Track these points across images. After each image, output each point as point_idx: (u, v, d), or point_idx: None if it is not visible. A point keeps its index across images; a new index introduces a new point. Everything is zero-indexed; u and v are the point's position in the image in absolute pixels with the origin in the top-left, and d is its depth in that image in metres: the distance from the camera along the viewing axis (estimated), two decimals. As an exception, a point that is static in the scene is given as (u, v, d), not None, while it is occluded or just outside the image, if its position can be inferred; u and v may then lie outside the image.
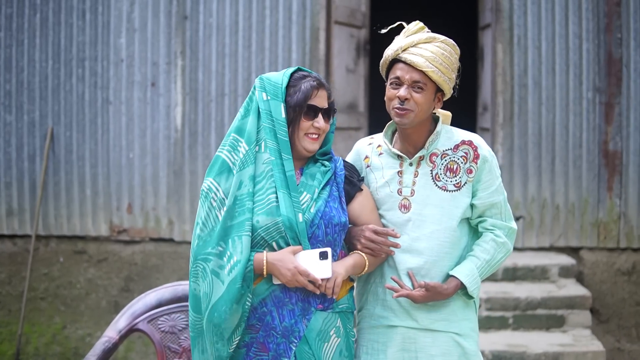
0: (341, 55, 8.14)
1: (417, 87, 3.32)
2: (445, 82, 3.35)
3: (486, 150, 3.44)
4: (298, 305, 3.22)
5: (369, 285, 3.52)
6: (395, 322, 3.44)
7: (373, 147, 3.55)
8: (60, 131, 8.04)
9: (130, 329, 3.88)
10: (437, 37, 3.37)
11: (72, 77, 8.03)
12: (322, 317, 3.25)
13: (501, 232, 3.43)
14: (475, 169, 3.41)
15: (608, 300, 7.66)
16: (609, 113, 7.71)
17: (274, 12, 7.90)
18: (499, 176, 3.49)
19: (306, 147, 3.28)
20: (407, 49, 3.34)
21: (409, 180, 3.43)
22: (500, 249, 3.43)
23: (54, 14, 8.01)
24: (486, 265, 3.40)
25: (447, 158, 3.42)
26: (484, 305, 6.96)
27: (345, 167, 3.41)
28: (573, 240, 7.78)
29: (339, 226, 3.28)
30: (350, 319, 3.37)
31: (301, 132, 3.26)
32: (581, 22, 7.71)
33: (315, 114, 3.27)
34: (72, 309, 8.04)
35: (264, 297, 3.22)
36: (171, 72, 7.95)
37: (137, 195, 8.01)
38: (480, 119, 8.59)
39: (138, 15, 7.96)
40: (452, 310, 3.43)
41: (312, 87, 3.25)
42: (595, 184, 7.75)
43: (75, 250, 8.09)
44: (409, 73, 3.32)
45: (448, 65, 3.34)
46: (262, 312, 3.22)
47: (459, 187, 3.41)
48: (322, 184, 3.29)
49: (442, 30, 3.58)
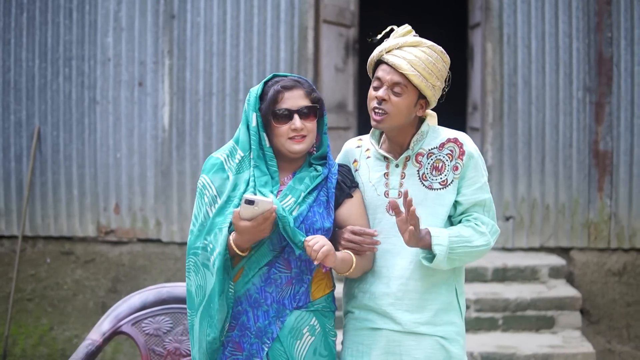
0: (330, 55, 8.09)
1: (396, 89, 3.27)
2: (428, 89, 3.28)
3: (472, 148, 3.39)
4: (273, 306, 3.22)
5: (354, 289, 3.48)
6: (379, 325, 3.39)
7: (361, 150, 3.51)
8: (47, 131, 7.99)
9: (114, 331, 3.85)
10: (424, 42, 3.32)
11: (59, 77, 7.98)
12: (295, 315, 3.24)
13: (484, 226, 3.37)
14: (460, 166, 3.35)
15: (599, 301, 7.62)
16: (599, 112, 7.67)
17: (262, 10, 7.85)
18: (485, 175, 3.43)
19: (290, 149, 3.26)
20: (391, 50, 3.29)
21: (395, 182, 3.39)
22: (478, 237, 3.33)
23: (40, 13, 7.96)
24: (459, 238, 3.29)
25: (432, 157, 3.38)
26: (473, 307, 6.92)
27: (340, 171, 3.39)
28: (563, 240, 7.74)
29: (321, 231, 3.24)
30: (329, 318, 3.34)
31: (281, 138, 3.25)
32: (571, 20, 7.67)
33: (290, 116, 3.24)
34: (59, 310, 8.00)
35: (240, 295, 3.23)
36: (158, 71, 7.91)
37: (124, 196, 7.96)
38: (470, 118, 8.54)
39: (125, 14, 7.91)
40: (435, 313, 3.38)
41: (275, 91, 3.23)
42: (586, 184, 7.71)
43: (62, 251, 8.05)
44: (390, 74, 3.27)
45: (432, 72, 3.28)
46: (238, 311, 3.23)
47: (445, 185, 3.36)
48: (309, 189, 3.27)
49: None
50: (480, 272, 7.30)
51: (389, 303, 3.36)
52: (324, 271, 3.29)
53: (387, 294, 3.37)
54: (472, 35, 8.45)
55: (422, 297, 3.37)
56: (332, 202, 3.31)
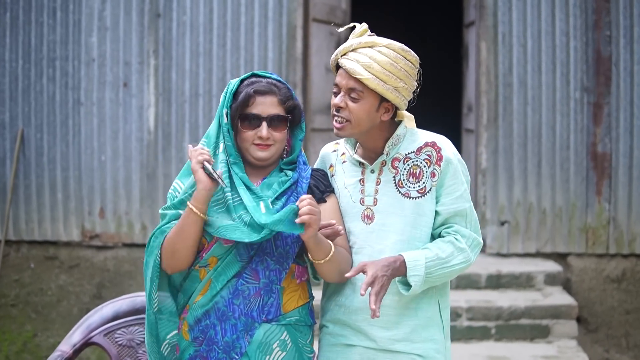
0: (320, 54, 7.92)
1: (353, 95, 3.08)
2: (388, 92, 3.07)
3: (450, 152, 3.18)
4: (241, 319, 3.08)
5: (330, 303, 3.30)
6: (353, 342, 3.23)
7: (337, 154, 3.34)
8: (30, 133, 7.88)
9: (85, 342, 3.74)
10: (380, 41, 3.09)
11: (42, 78, 7.86)
12: (264, 330, 3.10)
13: (464, 240, 3.17)
14: (438, 172, 3.16)
15: (597, 308, 7.44)
16: (597, 113, 7.49)
17: (250, 9, 7.70)
18: (466, 182, 3.22)
19: (254, 155, 3.15)
20: (345, 53, 3.11)
21: (370, 188, 3.21)
22: (457, 255, 3.14)
23: (24, 12, 7.84)
24: (437, 261, 3.10)
25: (409, 162, 3.18)
26: (465, 315, 6.74)
27: (314, 176, 3.24)
28: (560, 246, 7.57)
29: (291, 238, 3.11)
30: (304, 333, 3.18)
31: (245, 142, 3.15)
32: (568, 18, 7.49)
33: (258, 122, 3.12)
34: (43, 317, 7.89)
35: (208, 308, 3.10)
36: (144, 71, 7.77)
37: (109, 200, 7.84)
38: (465, 120, 8.37)
39: (110, 14, 7.78)
40: (413, 329, 3.19)
41: (247, 95, 3.11)
42: (584, 187, 7.53)
43: (46, 255, 7.95)
44: (345, 79, 3.08)
45: (392, 73, 3.06)
46: (206, 325, 3.10)
47: (423, 193, 3.17)
48: (277, 194, 3.13)
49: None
50: (474, 279, 7.12)
51: (363, 318, 3.19)
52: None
53: (361, 308, 3.19)
54: (466, 34, 8.26)
55: (399, 313, 3.19)
56: None
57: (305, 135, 7.70)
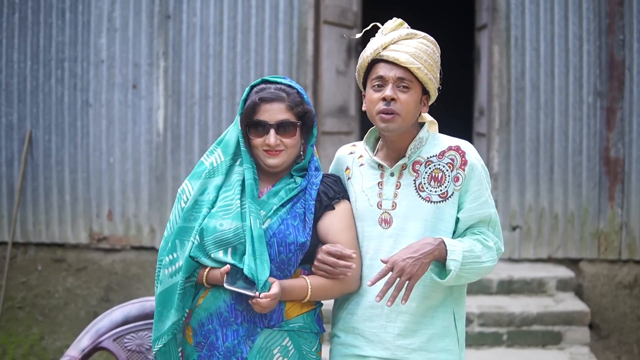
0: (331, 57, 7.86)
1: (403, 86, 3.06)
2: (431, 82, 3.10)
3: (475, 157, 3.14)
4: (243, 326, 3.05)
5: (342, 312, 3.24)
6: (366, 352, 3.16)
7: (354, 157, 3.29)
8: (38, 134, 7.83)
9: (94, 347, 3.72)
10: (418, 33, 3.13)
11: (51, 79, 7.80)
12: (264, 335, 3.07)
13: (490, 240, 3.11)
14: (462, 177, 3.10)
15: (609, 314, 7.37)
16: (610, 118, 7.42)
17: (260, 11, 7.64)
18: (489, 187, 3.18)
19: (264, 162, 3.16)
20: (387, 46, 3.08)
21: (389, 192, 3.15)
22: (487, 253, 3.08)
23: (32, 13, 7.79)
24: (471, 254, 3.03)
25: (431, 166, 3.13)
26: (477, 321, 6.67)
27: (324, 182, 3.20)
28: (572, 251, 7.50)
29: (294, 245, 3.07)
30: (308, 340, 3.13)
31: (256, 149, 3.16)
32: (582, 22, 7.42)
33: (265, 129, 3.11)
34: (50, 319, 7.84)
35: (211, 312, 3.08)
36: (153, 73, 7.72)
37: (117, 202, 7.78)
38: (476, 124, 8.29)
39: (119, 15, 7.72)
40: (429, 339, 3.13)
41: (253, 103, 3.12)
42: (596, 192, 7.46)
43: (53, 258, 7.89)
44: (393, 70, 3.06)
45: (432, 63, 3.09)
46: (208, 330, 3.09)
47: (445, 197, 3.11)
48: (283, 201, 3.12)
49: (435, 31, 3.33)
50: (485, 284, 7.05)
51: (380, 325, 3.13)
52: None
53: (376, 315, 3.14)
54: (478, 38, 8.20)
55: (416, 320, 3.13)
56: (310, 215, 3.12)
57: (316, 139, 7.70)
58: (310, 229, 3.10)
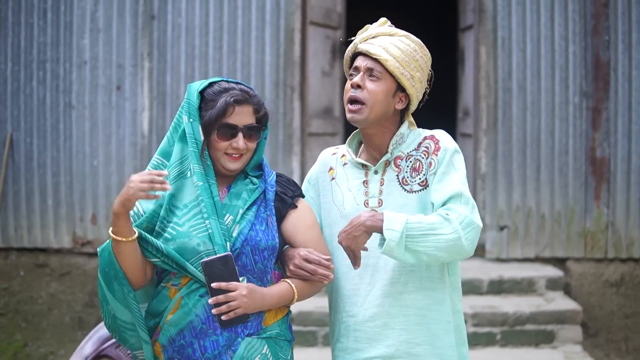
0: (317, 58, 7.82)
1: (372, 76, 3.09)
2: (405, 78, 3.08)
3: (448, 143, 3.12)
4: (223, 335, 2.95)
5: (339, 315, 3.22)
6: (370, 353, 3.14)
7: (337, 157, 3.29)
8: (20, 137, 7.70)
9: (97, 355, 3.55)
10: (400, 31, 3.15)
11: (32, 80, 7.68)
12: (245, 343, 2.98)
13: (455, 215, 2.99)
14: (435, 162, 3.10)
15: (596, 313, 7.44)
16: (596, 118, 7.50)
17: (247, 11, 7.59)
18: (461, 170, 3.10)
19: (225, 166, 3.04)
20: (366, 40, 3.13)
21: (375, 189, 3.15)
22: (445, 225, 2.95)
23: (13, 13, 7.67)
24: (419, 225, 2.94)
25: (411, 159, 3.15)
26: (471, 321, 6.69)
27: (279, 182, 3.14)
28: (559, 250, 7.56)
29: (268, 251, 3.01)
30: (283, 347, 3.08)
31: (217, 152, 3.02)
32: (567, 23, 7.48)
33: (234, 133, 3.00)
34: (33, 326, 7.69)
35: (182, 327, 2.96)
36: (137, 74, 7.62)
37: (101, 205, 7.66)
38: (460, 124, 8.32)
39: (102, 15, 7.61)
40: (434, 334, 3.12)
41: (227, 104, 2.97)
42: (582, 192, 7.53)
43: (36, 263, 7.76)
44: (365, 61, 3.11)
45: (409, 61, 3.09)
46: (181, 345, 2.96)
47: (424, 185, 3.11)
48: (248, 204, 3.03)
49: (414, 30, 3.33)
50: (476, 284, 7.08)
51: (383, 323, 3.12)
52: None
53: (376, 314, 3.13)
54: (463, 38, 8.21)
55: (419, 314, 3.11)
56: (274, 218, 3.06)
57: (302, 140, 7.67)
58: (276, 231, 3.06)
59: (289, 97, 7.61)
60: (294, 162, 7.59)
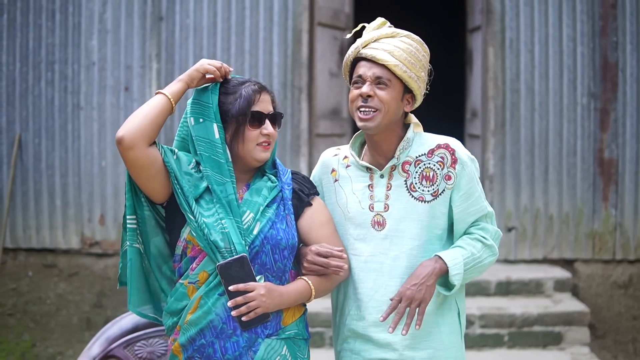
0: (324, 59, 7.82)
1: (380, 83, 3.06)
2: (413, 80, 3.08)
3: (464, 154, 3.15)
4: (243, 336, 2.96)
5: (345, 318, 3.24)
6: (377, 355, 3.16)
7: (339, 158, 3.28)
8: (28, 138, 7.71)
9: (105, 355, 3.63)
10: (401, 32, 3.14)
11: (40, 81, 7.68)
12: (265, 345, 2.98)
13: (489, 235, 3.17)
14: (454, 175, 3.12)
15: (604, 314, 7.42)
16: (604, 119, 7.48)
17: (254, 12, 7.58)
18: (479, 180, 3.20)
19: (257, 157, 3.04)
20: (368, 44, 3.10)
21: (381, 194, 3.16)
22: (486, 252, 3.15)
23: (22, 14, 7.67)
24: (472, 259, 3.09)
25: (421, 165, 3.14)
26: (478, 322, 6.68)
27: (295, 179, 3.15)
28: (567, 252, 7.55)
29: (288, 250, 3.02)
30: (301, 347, 3.09)
31: (250, 143, 3.01)
32: (575, 24, 7.47)
33: (262, 120, 3.01)
34: (41, 326, 7.71)
35: (202, 327, 2.96)
36: (146, 75, 7.63)
37: (109, 206, 7.68)
38: (468, 125, 8.30)
39: (111, 16, 7.62)
40: (437, 337, 3.16)
41: (253, 91, 3.01)
42: (590, 193, 7.52)
43: (44, 264, 7.77)
44: (372, 69, 3.06)
45: (414, 62, 3.08)
46: (202, 345, 2.96)
47: (436, 195, 3.13)
48: (267, 201, 3.04)
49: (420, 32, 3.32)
50: (483, 286, 7.07)
51: (387, 328, 3.12)
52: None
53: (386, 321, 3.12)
54: (471, 39, 8.20)
55: (425, 320, 3.12)
56: (292, 216, 3.08)
57: (310, 141, 7.66)
58: (295, 229, 3.07)
59: (297, 98, 7.61)
60: (302, 163, 7.59)
